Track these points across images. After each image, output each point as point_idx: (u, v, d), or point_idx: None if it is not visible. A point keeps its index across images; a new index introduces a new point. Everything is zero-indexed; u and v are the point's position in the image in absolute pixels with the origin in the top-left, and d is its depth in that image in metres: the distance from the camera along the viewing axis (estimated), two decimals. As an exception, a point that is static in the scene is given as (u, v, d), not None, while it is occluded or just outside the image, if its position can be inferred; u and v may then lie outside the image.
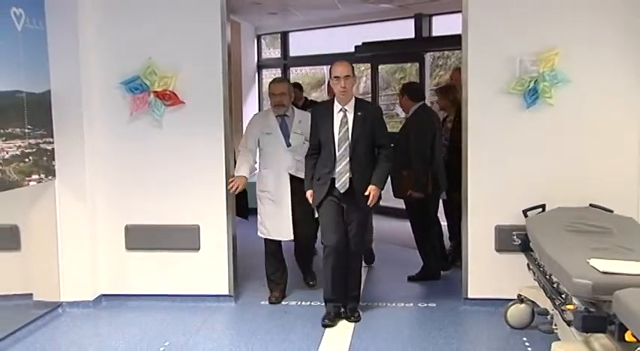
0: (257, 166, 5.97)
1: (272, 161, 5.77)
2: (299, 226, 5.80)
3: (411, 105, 6.58)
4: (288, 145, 5.76)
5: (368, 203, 5.13)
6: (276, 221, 5.76)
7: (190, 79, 5.66)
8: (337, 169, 5.15)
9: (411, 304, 5.76)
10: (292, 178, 5.74)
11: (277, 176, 5.75)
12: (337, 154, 5.15)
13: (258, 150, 5.90)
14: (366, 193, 5.09)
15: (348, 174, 5.13)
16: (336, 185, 5.15)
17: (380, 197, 5.34)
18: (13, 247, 5.30)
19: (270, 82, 5.99)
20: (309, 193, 5.34)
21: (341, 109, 5.20)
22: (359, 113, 5.18)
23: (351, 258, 5.33)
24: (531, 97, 5.35)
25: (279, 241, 5.89)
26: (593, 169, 5.31)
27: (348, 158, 5.13)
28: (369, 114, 5.24)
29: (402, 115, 7.59)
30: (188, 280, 5.79)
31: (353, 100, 5.23)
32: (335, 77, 5.16)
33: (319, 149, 5.28)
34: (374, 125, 5.22)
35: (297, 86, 10.14)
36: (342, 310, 5.34)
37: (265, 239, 5.90)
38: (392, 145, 5.56)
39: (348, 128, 5.17)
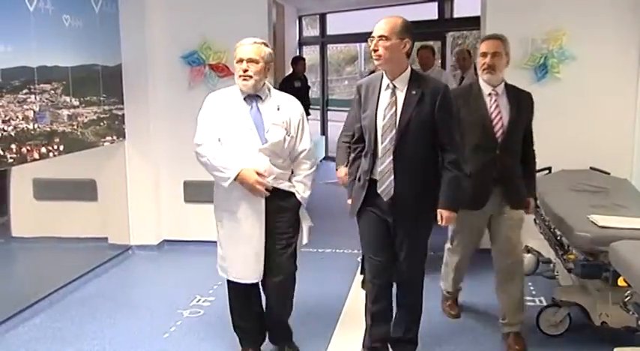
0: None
1: (238, 166, 3.37)
2: (270, 266, 3.50)
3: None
4: (264, 141, 3.40)
5: (439, 223, 3.36)
6: (239, 255, 3.49)
7: (241, 54, 5.69)
8: (379, 168, 3.29)
9: (432, 253, 5.78)
10: (270, 192, 3.43)
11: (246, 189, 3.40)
12: (380, 147, 3.28)
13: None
14: (440, 223, 3.35)
15: (392, 177, 3.27)
16: (378, 191, 3.31)
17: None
18: (91, 198, 5.43)
19: (239, 44, 3.46)
20: (341, 172, 3.81)
21: (389, 85, 3.29)
22: (413, 91, 3.23)
23: (405, 290, 3.53)
24: (541, 72, 5.32)
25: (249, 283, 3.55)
26: (593, 137, 5.27)
27: (392, 155, 3.26)
28: (430, 93, 3.23)
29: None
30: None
31: (407, 73, 3.26)
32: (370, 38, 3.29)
33: (361, 137, 3.44)
34: (435, 110, 3.22)
35: (300, 59, 10.03)
36: None
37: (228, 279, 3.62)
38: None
39: (396, 111, 3.24)
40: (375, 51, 3.23)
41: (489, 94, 3.70)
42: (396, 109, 3.26)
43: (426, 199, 3.32)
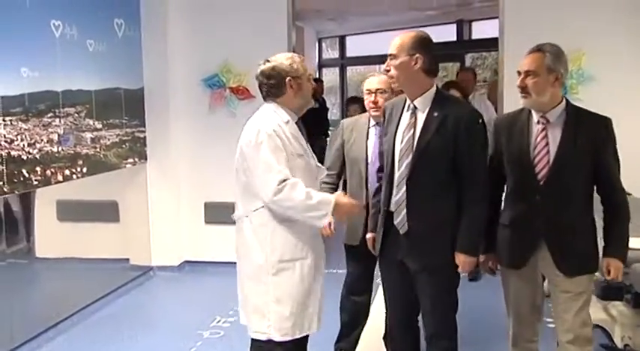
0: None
1: (326, 197, 2.93)
2: None
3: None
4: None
5: (459, 270, 2.92)
6: (317, 302, 3.00)
7: (261, 76, 5.75)
8: (395, 198, 2.94)
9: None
10: None
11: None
12: (396, 173, 2.94)
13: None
14: (460, 270, 2.92)
15: (405, 208, 2.90)
16: (395, 222, 2.95)
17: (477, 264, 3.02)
18: (113, 219, 5.49)
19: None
20: (369, 236, 3.20)
21: (409, 106, 2.95)
22: (435, 113, 2.87)
23: (432, 348, 3.04)
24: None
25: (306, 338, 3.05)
26: (614, 157, 5.23)
27: (406, 182, 2.90)
28: (454, 116, 2.85)
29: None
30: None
31: (430, 93, 2.90)
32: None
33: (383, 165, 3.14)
34: (458, 136, 2.83)
35: (318, 81, 9.99)
36: None
37: (285, 343, 2.93)
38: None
39: (414, 134, 2.89)
40: (387, 71, 2.96)
41: (538, 122, 2.87)
42: (414, 131, 2.89)
43: (444, 238, 2.89)
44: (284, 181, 2.79)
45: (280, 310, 2.89)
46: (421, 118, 2.89)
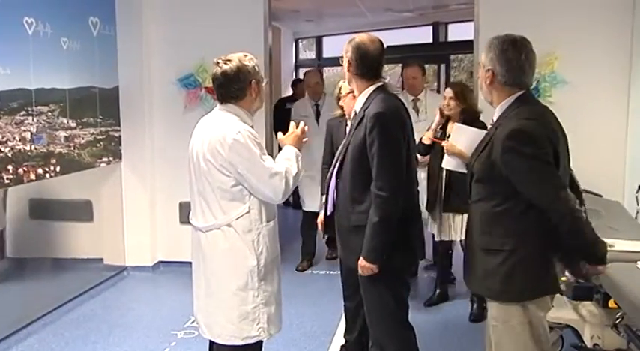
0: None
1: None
2: None
3: None
4: None
5: (360, 273, 2.88)
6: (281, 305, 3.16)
7: (237, 77, 5.74)
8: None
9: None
10: None
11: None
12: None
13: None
14: (360, 272, 2.87)
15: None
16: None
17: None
18: (87, 219, 5.44)
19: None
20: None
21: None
22: (359, 114, 2.89)
23: None
24: (533, 96, 5.34)
25: None
26: (586, 160, 5.24)
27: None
28: (367, 115, 2.79)
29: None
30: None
31: (367, 92, 2.89)
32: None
33: None
34: (365, 138, 2.78)
35: (300, 81, 9.97)
36: None
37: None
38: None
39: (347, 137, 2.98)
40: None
41: None
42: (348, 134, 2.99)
43: (360, 241, 2.83)
44: (283, 176, 2.78)
45: (267, 310, 2.90)
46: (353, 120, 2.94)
